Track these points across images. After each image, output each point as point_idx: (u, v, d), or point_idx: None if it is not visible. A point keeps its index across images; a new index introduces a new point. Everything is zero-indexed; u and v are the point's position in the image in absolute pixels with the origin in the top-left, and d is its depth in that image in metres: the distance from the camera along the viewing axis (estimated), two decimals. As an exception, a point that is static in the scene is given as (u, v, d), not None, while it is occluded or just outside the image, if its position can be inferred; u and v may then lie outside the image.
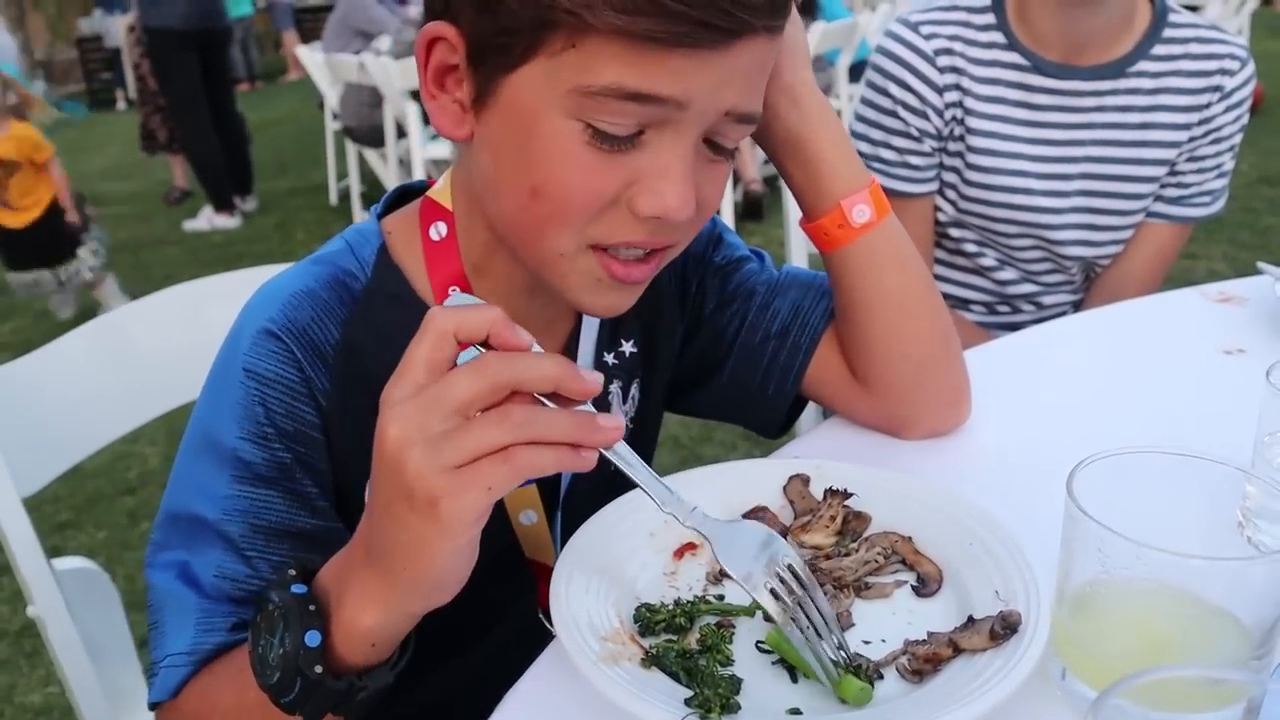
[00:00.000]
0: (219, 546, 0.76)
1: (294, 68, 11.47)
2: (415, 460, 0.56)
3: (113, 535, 2.83)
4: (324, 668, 0.63)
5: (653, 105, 0.67)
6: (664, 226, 0.73)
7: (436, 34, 0.73)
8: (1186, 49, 1.48)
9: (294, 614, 0.63)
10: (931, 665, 0.67)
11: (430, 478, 0.56)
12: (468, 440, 0.56)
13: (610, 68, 0.66)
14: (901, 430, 0.99)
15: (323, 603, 0.65)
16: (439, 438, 0.56)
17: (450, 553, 0.59)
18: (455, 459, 0.56)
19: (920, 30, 1.51)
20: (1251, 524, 0.70)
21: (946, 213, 1.60)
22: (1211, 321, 1.26)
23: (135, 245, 5.79)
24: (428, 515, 0.57)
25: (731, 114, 0.71)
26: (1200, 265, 4.22)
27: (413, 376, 0.58)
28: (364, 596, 0.63)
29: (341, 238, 0.86)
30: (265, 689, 0.64)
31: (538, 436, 0.57)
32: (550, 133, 0.69)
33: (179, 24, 5.45)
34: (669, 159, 0.70)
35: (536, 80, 0.69)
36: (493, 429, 0.56)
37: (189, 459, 0.80)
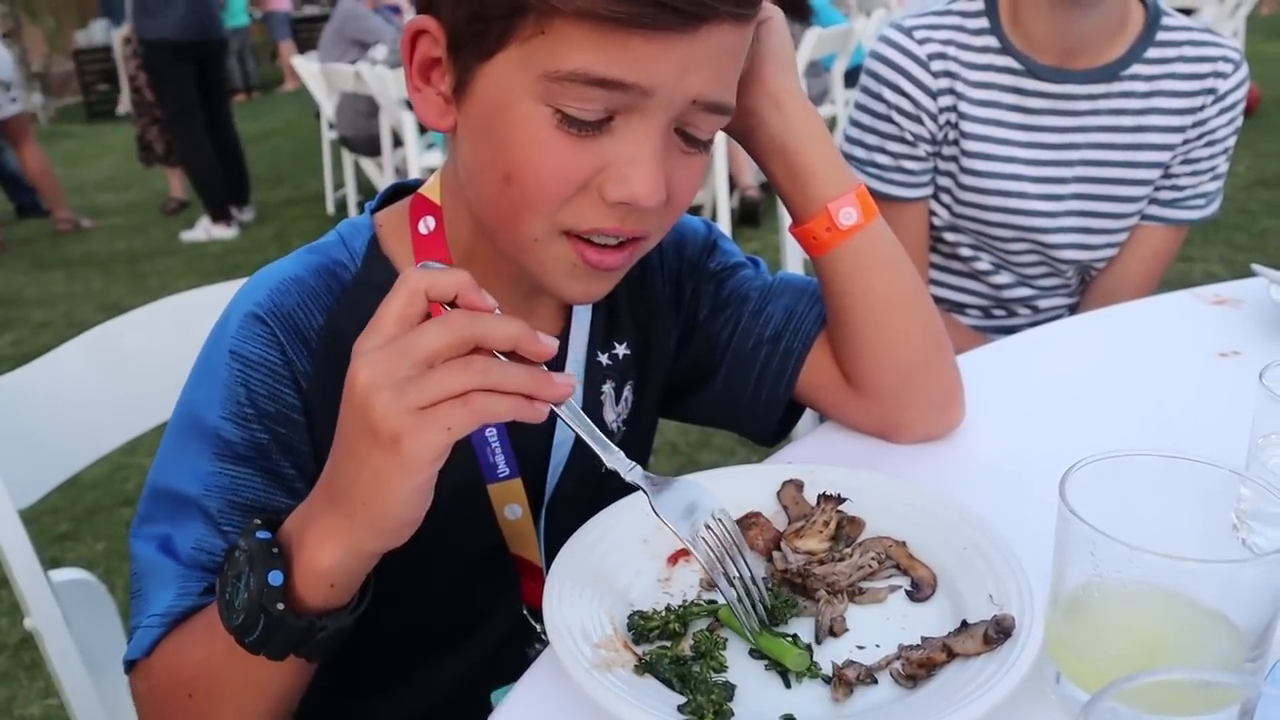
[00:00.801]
0: (199, 521, 0.78)
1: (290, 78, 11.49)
2: (382, 402, 0.60)
3: (111, 546, 2.82)
4: (286, 605, 0.66)
5: (618, 91, 0.69)
6: (634, 213, 0.74)
7: (420, 27, 0.76)
8: (1180, 52, 1.48)
9: (258, 557, 0.67)
10: (925, 670, 0.67)
11: (395, 417, 0.60)
12: (431, 384, 0.60)
13: (576, 53, 0.67)
14: (894, 434, 0.99)
15: (286, 547, 0.68)
16: (405, 382, 0.60)
17: (409, 490, 0.63)
18: (419, 400, 0.60)
19: (914, 35, 1.51)
20: (1246, 526, 0.70)
21: (941, 217, 1.60)
22: (1207, 324, 1.27)
23: (132, 256, 5.80)
24: (390, 451, 0.61)
25: (699, 102, 0.72)
26: (1197, 267, 4.22)
27: (384, 329, 0.62)
28: (323, 534, 0.66)
29: (335, 231, 0.89)
30: (231, 631, 0.67)
31: (496, 385, 0.61)
32: (521, 118, 0.71)
33: (175, 36, 5.45)
34: (637, 145, 0.71)
35: (510, 68, 0.71)
36: (455, 375, 0.60)
37: (174, 437, 0.82)
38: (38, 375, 1.06)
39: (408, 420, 0.60)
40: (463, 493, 0.88)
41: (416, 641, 0.94)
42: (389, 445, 0.60)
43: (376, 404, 0.60)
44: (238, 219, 6.14)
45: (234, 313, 0.82)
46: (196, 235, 6.00)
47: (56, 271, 5.63)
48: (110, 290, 5.18)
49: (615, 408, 0.97)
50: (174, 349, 1.16)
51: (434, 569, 0.86)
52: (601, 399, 0.95)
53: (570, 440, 0.93)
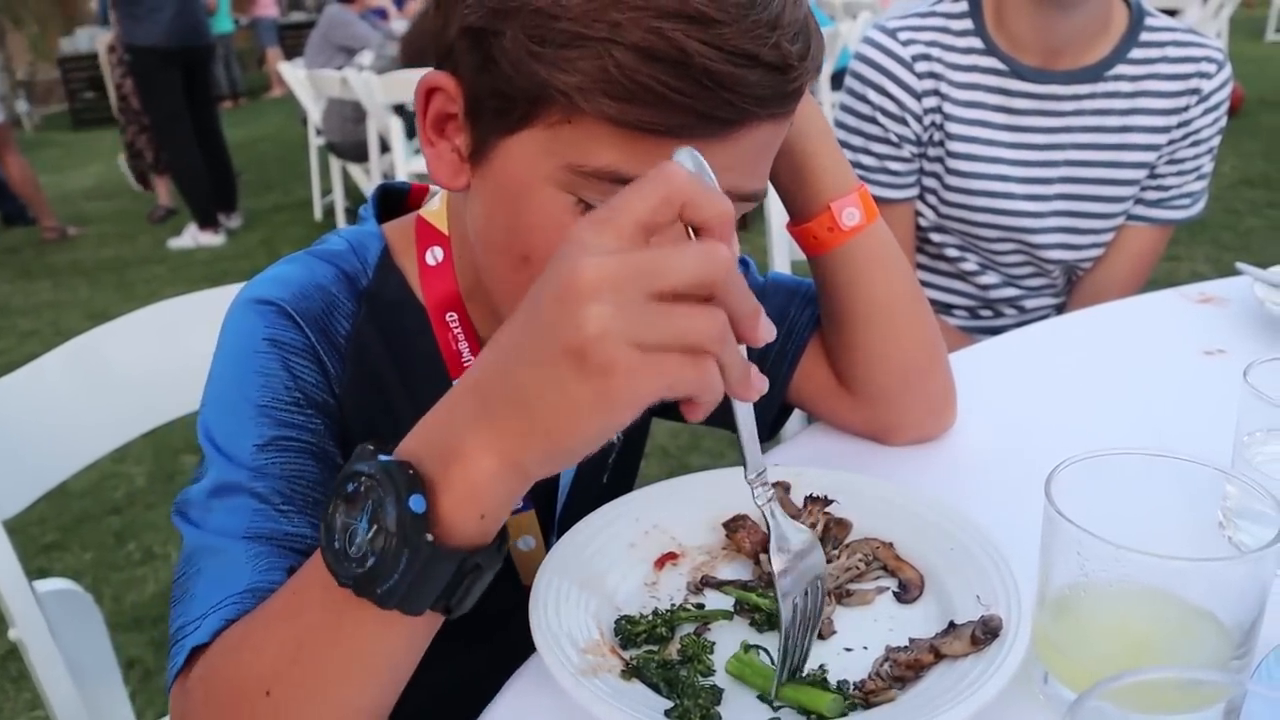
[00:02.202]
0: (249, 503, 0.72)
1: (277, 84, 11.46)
2: (606, 320, 0.48)
3: (99, 556, 2.81)
4: (432, 536, 0.54)
5: None
6: None
7: (435, 84, 0.72)
8: (1164, 52, 1.49)
9: (390, 480, 0.54)
10: (913, 671, 0.67)
11: (615, 346, 0.48)
12: (672, 325, 0.49)
13: (605, 151, 0.64)
14: (888, 436, 0.99)
15: (419, 466, 0.55)
16: (641, 309, 0.49)
17: (600, 427, 0.51)
18: (651, 338, 0.49)
19: (898, 36, 1.51)
20: (1232, 524, 0.70)
21: (928, 218, 1.60)
22: (1192, 323, 1.27)
23: (119, 264, 5.77)
24: (595, 385, 0.49)
25: (732, 194, 0.68)
26: (1183, 267, 4.24)
27: (622, 229, 0.50)
28: (480, 449, 0.53)
29: (340, 238, 0.86)
30: (352, 581, 0.55)
31: (726, 361, 0.51)
32: (542, 203, 0.68)
33: (162, 42, 5.43)
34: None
35: (532, 149, 0.67)
36: (701, 325, 0.50)
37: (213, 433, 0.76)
38: (23, 383, 1.06)
39: (629, 355, 0.48)
40: None
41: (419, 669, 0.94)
42: (596, 374, 0.49)
43: (597, 320, 0.48)
44: (225, 226, 6.12)
45: (253, 307, 0.79)
46: (184, 242, 5.98)
47: (43, 280, 5.61)
48: (97, 298, 5.16)
49: None
50: (162, 356, 1.16)
51: None
52: None
53: (574, 466, 0.92)
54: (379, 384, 0.83)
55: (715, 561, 0.81)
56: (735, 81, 0.62)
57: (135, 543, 2.84)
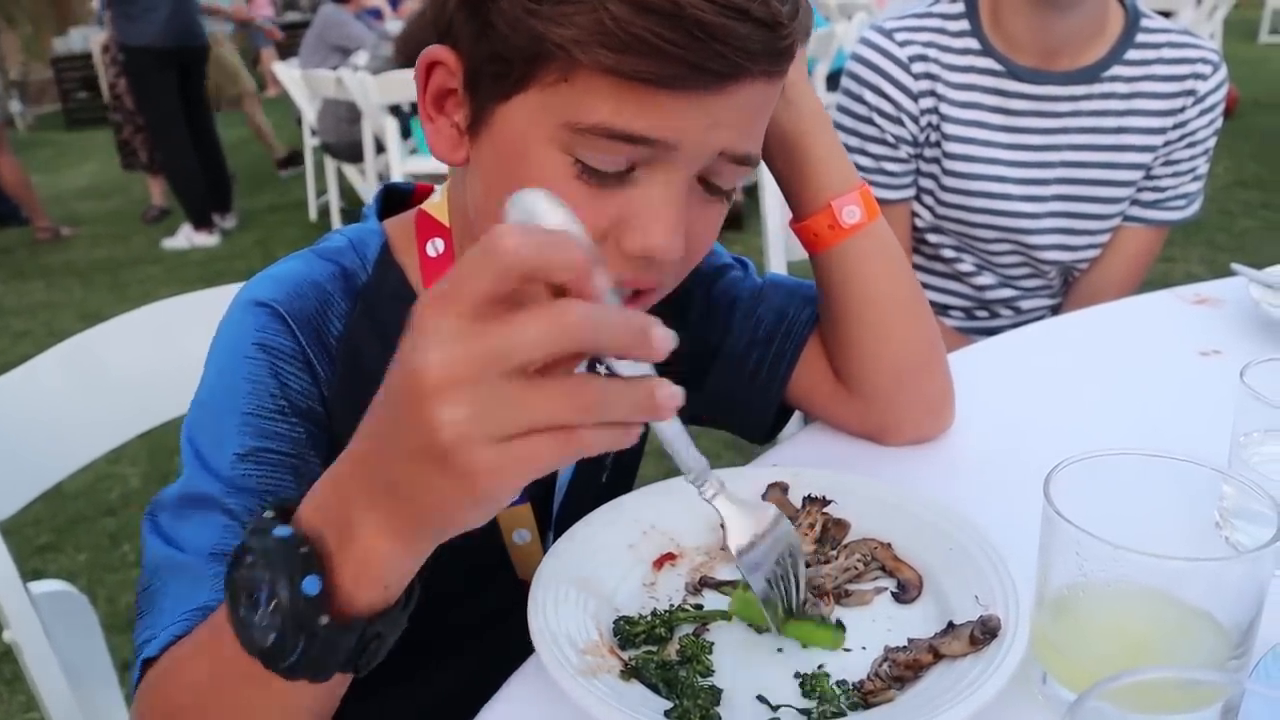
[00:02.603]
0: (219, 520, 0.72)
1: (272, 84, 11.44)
2: (460, 423, 0.46)
3: (94, 557, 2.80)
4: (330, 618, 0.53)
5: (642, 145, 0.66)
6: (651, 266, 0.71)
7: (435, 58, 0.73)
8: (1159, 54, 1.49)
9: (283, 560, 0.53)
10: (912, 672, 0.67)
11: (475, 448, 0.46)
12: (527, 413, 0.46)
13: (601, 106, 0.65)
14: (886, 436, 0.99)
15: (316, 541, 0.54)
16: (491, 399, 0.46)
17: (482, 516, 0.51)
18: (510, 429, 0.46)
19: (895, 37, 1.52)
20: (1229, 524, 0.70)
21: (924, 218, 1.60)
22: (1188, 323, 1.27)
23: (113, 265, 5.75)
24: (461, 487, 0.48)
25: (726, 154, 0.70)
26: (1178, 268, 4.25)
27: (463, 311, 0.46)
28: (373, 531, 0.53)
29: (341, 235, 0.86)
30: (258, 655, 0.54)
31: (605, 418, 0.48)
32: (539, 165, 0.68)
33: (157, 42, 5.42)
34: (659, 198, 0.68)
35: (529, 110, 0.68)
36: (561, 406, 0.46)
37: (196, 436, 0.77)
38: (16, 384, 1.05)
39: (490, 455, 0.46)
40: None
41: (418, 662, 0.94)
42: (461, 480, 0.47)
43: (451, 422, 0.46)
44: (220, 226, 6.11)
45: (248, 308, 0.79)
46: (178, 243, 5.97)
47: (36, 281, 5.59)
48: (91, 299, 5.14)
49: None
50: (156, 357, 1.15)
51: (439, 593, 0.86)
52: None
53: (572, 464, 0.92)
54: (372, 383, 0.83)
55: (714, 562, 0.81)
56: (726, 34, 0.63)
57: (130, 544, 2.83)
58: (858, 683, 0.67)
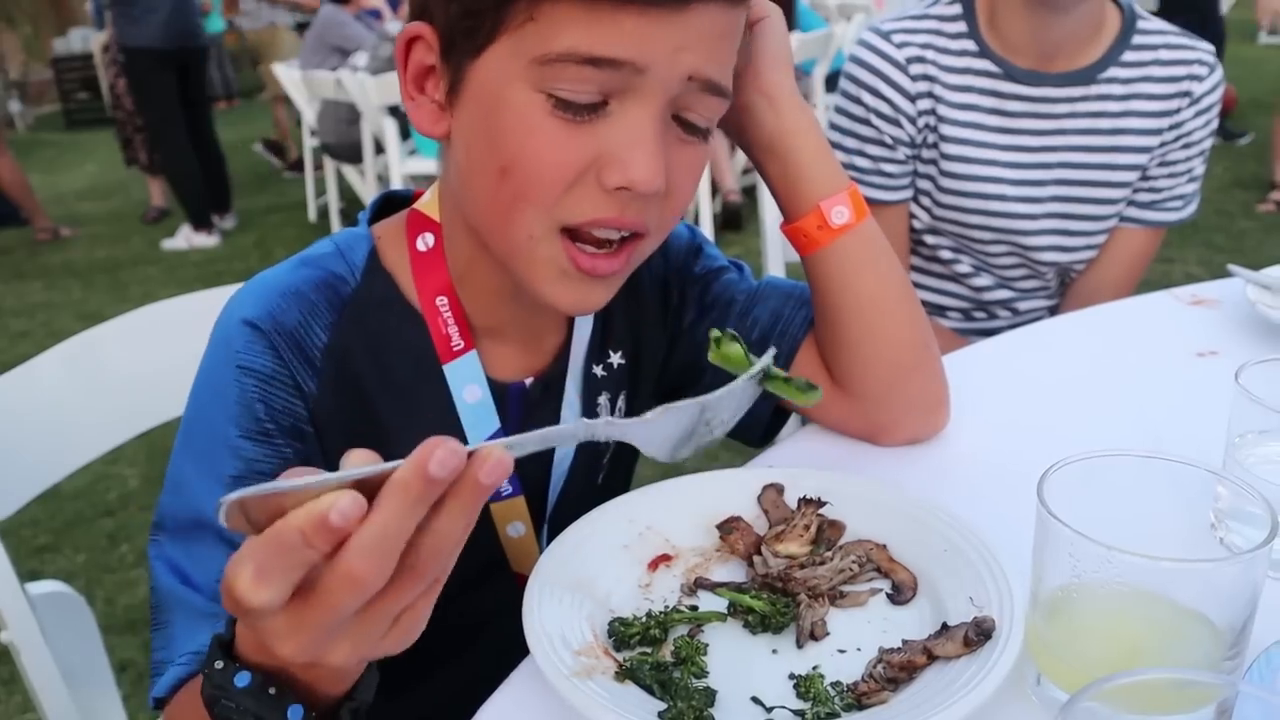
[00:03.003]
0: (220, 549, 0.75)
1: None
2: (347, 654, 0.50)
3: (92, 558, 2.80)
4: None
5: (610, 69, 0.68)
6: (634, 202, 0.72)
7: (413, 33, 0.75)
8: (1156, 55, 1.49)
9: (256, 704, 0.56)
10: (907, 673, 0.67)
11: (373, 652, 0.51)
12: (390, 613, 0.49)
13: (566, 33, 0.67)
14: (881, 437, 0.99)
15: (279, 674, 0.57)
16: (360, 624, 0.49)
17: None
18: (389, 626, 0.50)
19: (892, 39, 1.52)
20: (1223, 525, 0.71)
21: (922, 220, 1.60)
22: (1185, 324, 1.27)
23: (112, 265, 5.75)
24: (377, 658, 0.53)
25: (696, 79, 0.71)
26: (1176, 268, 4.26)
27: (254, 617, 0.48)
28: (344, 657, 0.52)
29: (330, 241, 0.87)
30: None
31: (452, 557, 0.50)
32: (515, 107, 0.70)
33: (157, 43, 5.43)
34: (636, 128, 0.70)
35: (501, 59, 0.70)
36: (410, 592, 0.49)
37: (186, 457, 0.79)
38: (16, 385, 1.05)
39: (385, 646, 0.51)
40: None
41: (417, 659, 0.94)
42: (374, 656, 0.52)
43: (346, 663, 0.51)
44: (219, 227, 6.11)
45: (233, 325, 0.80)
46: (177, 243, 5.97)
47: (35, 281, 5.59)
48: (90, 299, 5.15)
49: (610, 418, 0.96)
50: (155, 358, 1.16)
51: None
52: (598, 411, 0.95)
53: (570, 455, 0.93)
54: (359, 391, 0.84)
55: (709, 563, 0.81)
56: None
57: (128, 545, 2.83)
58: (852, 684, 0.67)
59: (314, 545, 0.45)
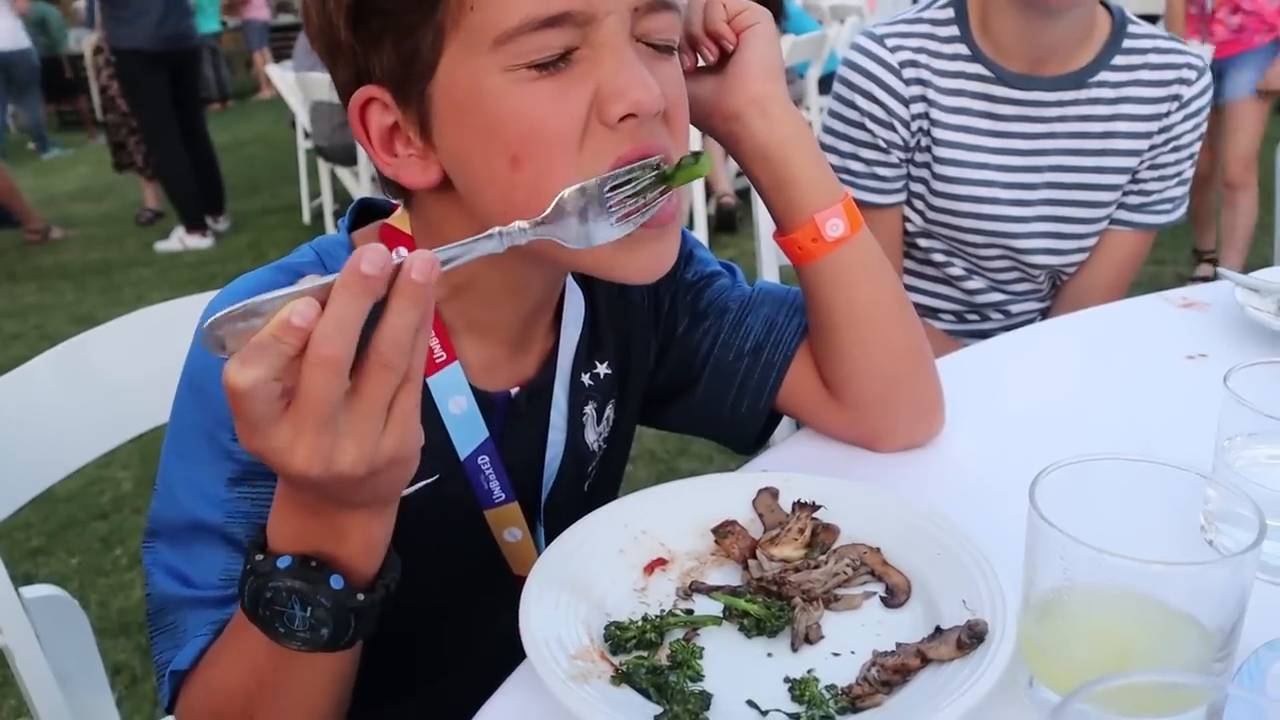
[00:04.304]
0: (222, 549, 0.75)
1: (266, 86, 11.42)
2: (357, 456, 0.56)
3: (86, 561, 2.79)
4: (362, 594, 0.64)
5: (568, 26, 0.69)
6: (644, 127, 0.72)
7: (363, 99, 0.74)
8: (1145, 59, 1.50)
9: (300, 578, 0.62)
10: (900, 676, 0.67)
11: (380, 452, 0.57)
12: (378, 406, 0.56)
13: (514, 5, 0.67)
14: (876, 443, 0.99)
15: (316, 554, 0.64)
16: (355, 421, 0.56)
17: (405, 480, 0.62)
18: (382, 422, 0.56)
19: (885, 43, 1.52)
20: (1213, 528, 0.71)
21: (914, 223, 1.61)
22: (1175, 327, 1.28)
23: (106, 267, 5.74)
24: (394, 468, 0.59)
25: (641, 7, 0.71)
26: (1168, 269, 4.28)
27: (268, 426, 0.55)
28: (362, 522, 0.63)
29: (310, 248, 0.86)
30: (323, 647, 0.64)
31: (409, 352, 0.56)
32: (500, 95, 0.70)
33: (149, 45, 5.41)
34: (614, 58, 0.70)
35: (459, 61, 0.70)
36: (385, 381, 0.55)
37: (178, 460, 0.79)
38: (9, 388, 1.05)
39: (387, 448, 0.57)
40: (461, 520, 0.88)
41: (418, 657, 0.94)
42: (387, 472, 0.58)
43: (354, 471, 0.56)
44: (213, 228, 6.10)
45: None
46: (171, 245, 5.96)
47: (28, 283, 5.57)
48: (83, 301, 5.14)
49: (597, 428, 0.96)
50: (149, 361, 1.15)
51: (436, 591, 0.86)
52: (584, 420, 0.95)
53: (559, 456, 0.93)
54: None
55: (704, 567, 0.81)
56: None
57: (122, 548, 2.83)
58: (846, 687, 0.67)
59: (284, 340, 0.53)
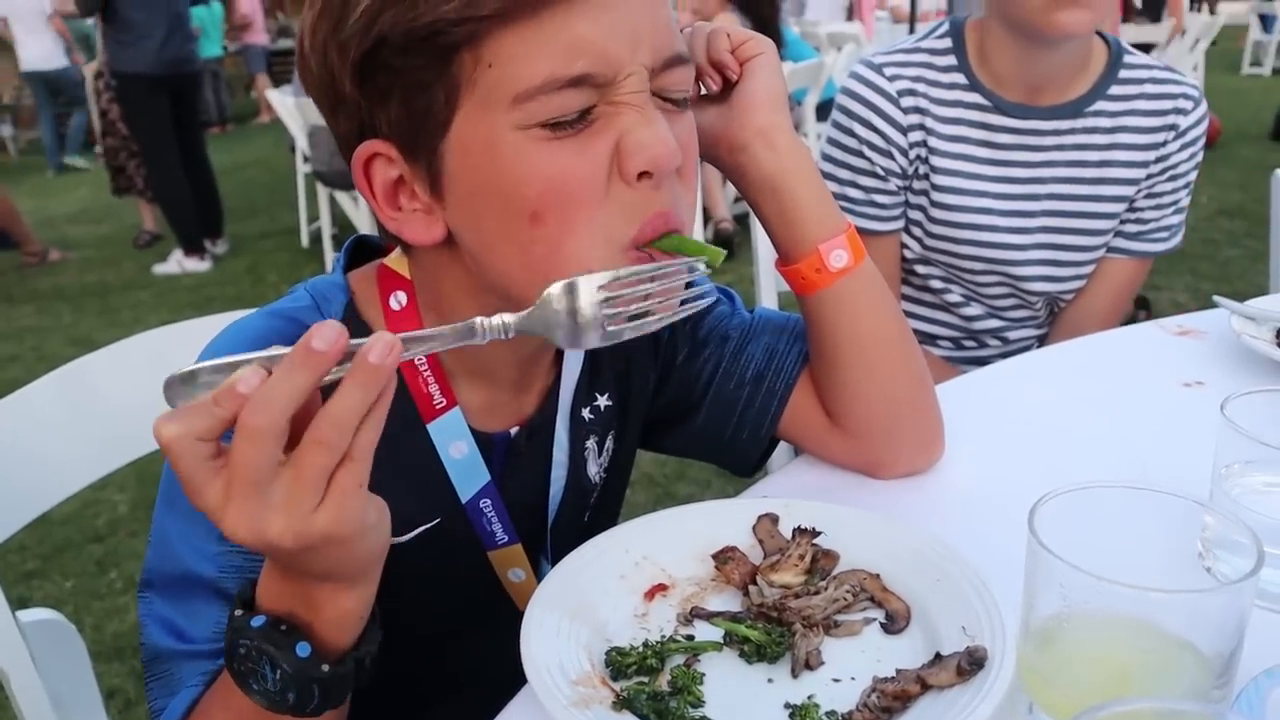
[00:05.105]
0: (216, 604, 0.75)
1: (265, 111, 11.48)
2: (284, 528, 0.56)
3: (81, 584, 2.78)
4: (328, 665, 0.64)
5: (588, 86, 0.68)
6: (662, 186, 0.72)
7: (368, 154, 0.73)
8: (1142, 89, 1.52)
9: (270, 641, 0.63)
10: (900, 702, 0.67)
11: (311, 528, 0.56)
12: (310, 482, 0.55)
13: (533, 63, 0.66)
14: (877, 471, 0.99)
15: (289, 618, 0.64)
16: (286, 494, 0.55)
17: (371, 546, 0.61)
18: (315, 498, 0.56)
19: (884, 71, 1.54)
20: (1211, 555, 0.71)
21: (913, 250, 1.62)
22: (1171, 355, 1.29)
23: (103, 289, 5.74)
24: (332, 551, 0.58)
25: (657, 64, 0.71)
26: (1164, 296, 4.30)
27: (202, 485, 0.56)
28: (332, 594, 0.63)
29: (305, 291, 0.84)
30: (288, 711, 0.64)
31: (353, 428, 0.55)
32: (514, 152, 0.68)
33: (151, 69, 5.43)
34: (632, 113, 0.70)
35: (474, 121, 0.69)
36: (321, 458, 0.55)
37: (171, 512, 0.77)
38: (7, 411, 1.05)
39: (322, 519, 0.56)
40: (465, 559, 0.88)
41: (423, 681, 0.93)
42: (325, 546, 0.58)
43: (283, 537, 0.56)
44: (211, 252, 6.11)
45: None
46: (169, 268, 5.96)
47: (25, 305, 5.57)
48: (80, 324, 5.13)
49: (598, 460, 0.96)
50: (146, 385, 1.15)
51: (441, 620, 0.85)
52: (585, 455, 0.94)
53: (562, 492, 0.93)
54: None
55: (705, 593, 0.81)
56: None
57: (117, 571, 2.82)
58: (846, 713, 0.67)
59: (219, 404, 0.54)
